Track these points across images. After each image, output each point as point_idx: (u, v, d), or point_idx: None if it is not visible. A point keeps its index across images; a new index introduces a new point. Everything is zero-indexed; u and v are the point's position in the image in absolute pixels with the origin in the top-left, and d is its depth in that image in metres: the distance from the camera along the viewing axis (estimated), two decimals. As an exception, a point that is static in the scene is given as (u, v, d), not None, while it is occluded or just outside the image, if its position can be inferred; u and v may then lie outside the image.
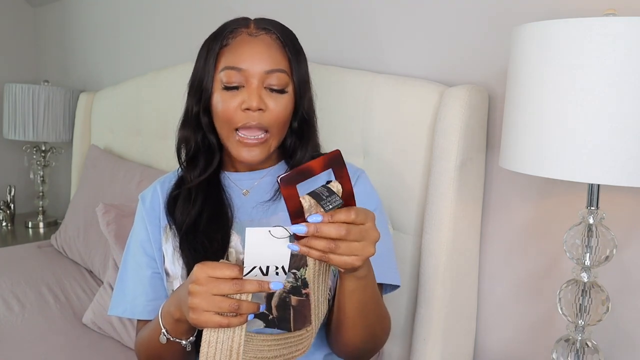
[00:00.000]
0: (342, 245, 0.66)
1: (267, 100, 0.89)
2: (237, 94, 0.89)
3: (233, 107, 0.88)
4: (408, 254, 1.18)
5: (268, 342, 0.86)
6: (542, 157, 0.80)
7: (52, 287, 1.74)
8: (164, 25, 2.14)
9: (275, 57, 0.90)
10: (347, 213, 0.66)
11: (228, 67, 0.89)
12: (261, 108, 0.88)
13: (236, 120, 0.89)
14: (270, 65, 0.89)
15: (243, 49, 0.89)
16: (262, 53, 0.89)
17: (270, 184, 0.97)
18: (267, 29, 0.92)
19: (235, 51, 0.89)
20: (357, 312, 0.82)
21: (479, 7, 1.16)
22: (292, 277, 0.89)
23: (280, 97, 0.90)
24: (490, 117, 1.15)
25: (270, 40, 0.91)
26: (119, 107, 2.21)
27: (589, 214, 0.88)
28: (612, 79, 0.74)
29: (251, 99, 0.87)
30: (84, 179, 2.16)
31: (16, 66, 2.97)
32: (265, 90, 0.89)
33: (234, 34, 0.91)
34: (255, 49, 0.89)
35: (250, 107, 0.87)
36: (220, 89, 0.90)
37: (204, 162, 0.96)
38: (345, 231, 0.65)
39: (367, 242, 0.68)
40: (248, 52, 0.89)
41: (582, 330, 0.90)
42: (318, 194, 0.67)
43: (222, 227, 0.93)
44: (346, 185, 0.68)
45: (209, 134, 0.95)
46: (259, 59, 0.88)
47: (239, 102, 0.88)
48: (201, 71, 0.93)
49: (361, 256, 0.68)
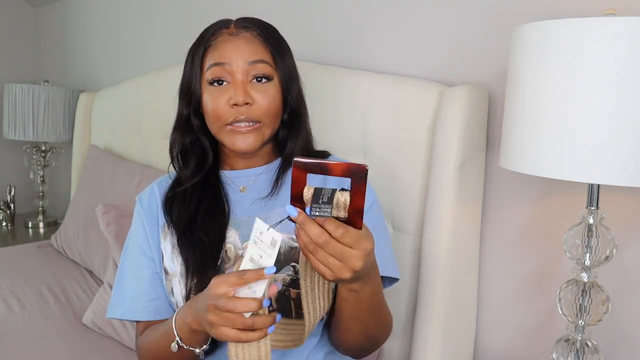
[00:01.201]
0: (320, 252, 0.66)
1: (253, 93, 0.91)
2: (224, 90, 0.91)
3: (222, 103, 0.90)
4: (408, 254, 1.18)
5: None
6: (542, 157, 0.80)
7: (52, 287, 1.74)
8: (164, 25, 2.14)
9: (257, 49, 0.92)
10: (335, 227, 0.64)
11: (212, 64, 0.92)
12: (248, 102, 0.90)
13: (226, 117, 0.91)
14: (252, 57, 0.91)
15: (225, 46, 0.92)
16: (243, 46, 0.92)
17: (267, 181, 0.98)
18: (247, 27, 0.94)
19: (217, 49, 0.92)
20: (351, 318, 0.83)
21: (479, 7, 1.16)
22: (291, 270, 0.89)
23: (266, 87, 0.92)
24: (490, 117, 1.15)
25: (251, 36, 0.94)
26: (119, 107, 2.21)
27: (589, 214, 0.88)
28: (612, 79, 0.74)
29: (237, 94, 0.89)
30: (84, 179, 2.16)
31: (16, 66, 2.97)
32: (251, 83, 0.91)
33: (215, 35, 0.94)
34: (235, 44, 0.92)
35: (238, 103, 0.89)
36: (208, 87, 0.92)
37: (197, 162, 0.98)
38: (322, 241, 0.65)
39: (344, 265, 0.66)
40: (230, 48, 0.92)
41: (582, 330, 0.90)
42: (319, 194, 0.66)
43: (219, 220, 0.94)
44: (358, 202, 0.65)
45: (201, 136, 0.98)
46: (240, 53, 0.91)
47: (227, 99, 0.90)
48: (188, 75, 0.96)
49: (334, 274, 0.67)
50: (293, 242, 0.90)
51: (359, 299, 0.78)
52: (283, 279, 0.89)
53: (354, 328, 0.84)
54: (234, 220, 0.95)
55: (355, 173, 0.63)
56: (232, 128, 0.91)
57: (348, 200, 0.65)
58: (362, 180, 0.63)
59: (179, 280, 0.92)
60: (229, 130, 0.91)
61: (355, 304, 0.79)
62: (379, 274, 0.81)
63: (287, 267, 0.90)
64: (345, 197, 0.65)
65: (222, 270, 0.91)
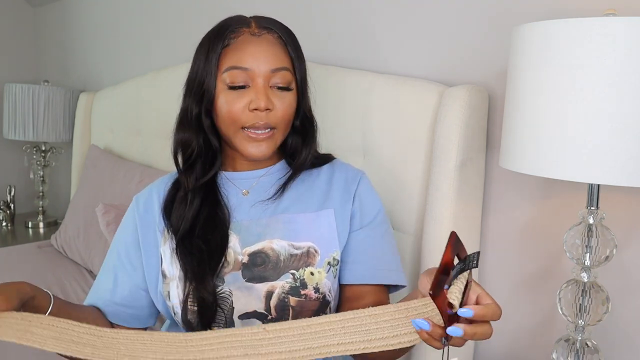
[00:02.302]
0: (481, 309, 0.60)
1: (273, 99, 0.89)
2: (243, 94, 0.88)
3: (240, 107, 0.88)
4: (408, 254, 1.18)
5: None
6: (542, 157, 0.80)
7: (52, 287, 1.74)
8: (164, 25, 2.14)
9: (279, 55, 0.90)
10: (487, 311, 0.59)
11: (232, 67, 0.88)
12: (269, 108, 0.88)
13: (243, 121, 0.89)
14: (276, 64, 0.89)
15: (247, 49, 0.89)
16: (266, 52, 0.89)
17: (269, 184, 0.97)
18: (269, 28, 0.92)
19: (238, 51, 0.89)
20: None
21: (479, 7, 1.16)
22: (290, 278, 0.89)
23: (286, 95, 0.91)
24: (490, 117, 1.15)
25: (273, 39, 0.91)
26: (119, 107, 2.21)
27: (589, 214, 0.88)
28: (612, 79, 0.74)
29: (259, 99, 0.87)
30: (84, 179, 2.16)
31: (16, 66, 2.97)
32: (271, 89, 0.89)
33: (236, 33, 0.90)
34: (259, 47, 0.89)
35: (259, 108, 0.87)
36: (225, 90, 0.89)
37: (203, 164, 0.95)
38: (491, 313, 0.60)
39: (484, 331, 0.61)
40: (252, 51, 0.88)
41: (582, 330, 0.90)
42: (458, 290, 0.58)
43: (220, 228, 0.92)
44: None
45: (211, 136, 0.94)
46: (264, 58, 0.88)
47: (246, 103, 0.88)
48: (202, 72, 0.91)
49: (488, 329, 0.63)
50: (293, 250, 0.90)
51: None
52: (282, 286, 0.88)
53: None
54: (234, 225, 0.93)
55: (457, 244, 0.58)
56: (248, 133, 0.89)
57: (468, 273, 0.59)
58: (462, 244, 0.59)
59: (177, 284, 0.91)
60: (245, 135, 0.90)
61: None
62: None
63: (287, 274, 0.89)
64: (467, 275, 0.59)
65: (221, 275, 0.90)
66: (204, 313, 0.88)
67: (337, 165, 1.02)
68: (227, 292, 0.90)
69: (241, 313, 0.90)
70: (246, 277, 0.90)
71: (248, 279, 0.90)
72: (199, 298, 0.88)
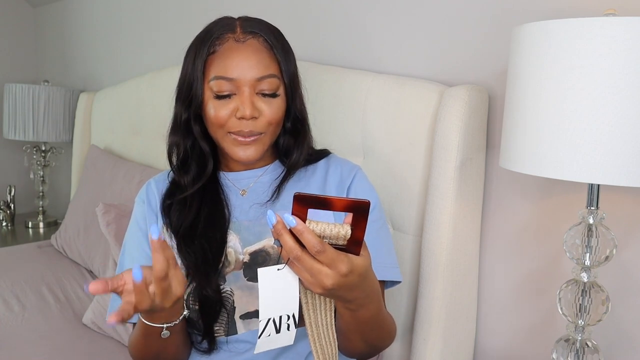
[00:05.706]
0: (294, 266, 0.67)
1: (259, 106, 0.89)
2: (229, 102, 0.89)
3: (226, 114, 0.89)
4: (408, 254, 1.18)
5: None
6: (542, 157, 0.80)
7: (52, 287, 1.74)
8: (164, 25, 2.14)
9: (265, 62, 0.89)
10: (316, 244, 0.63)
11: (218, 76, 0.88)
12: (255, 116, 0.88)
13: (229, 126, 0.89)
14: (261, 72, 0.88)
15: (232, 57, 0.88)
16: (251, 59, 0.88)
17: (267, 184, 0.98)
18: (254, 32, 0.91)
19: (224, 59, 0.89)
20: (350, 331, 0.82)
21: (479, 7, 1.16)
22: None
23: (273, 100, 0.91)
24: (490, 117, 1.15)
25: (258, 44, 0.90)
26: (119, 107, 2.21)
27: (589, 214, 0.88)
28: (612, 79, 0.74)
29: (245, 107, 0.87)
30: (84, 179, 2.16)
31: (16, 66, 2.97)
32: (257, 96, 0.89)
33: (221, 40, 0.90)
34: (243, 55, 0.88)
35: (244, 116, 0.88)
36: (212, 98, 0.90)
37: (197, 167, 0.96)
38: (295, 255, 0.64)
39: (315, 281, 0.66)
40: (237, 59, 0.88)
41: (582, 330, 0.90)
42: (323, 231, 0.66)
43: (220, 227, 0.93)
44: (358, 235, 0.65)
45: (201, 141, 0.95)
46: (249, 67, 0.88)
47: (232, 110, 0.89)
48: (189, 77, 0.92)
49: (305, 285, 0.68)
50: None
51: (357, 318, 0.78)
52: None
53: (354, 338, 0.83)
54: (234, 224, 0.94)
55: (359, 210, 0.63)
56: (235, 137, 0.90)
57: (349, 234, 0.65)
58: (364, 215, 0.63)
59: None
60: (232, 139, 0.90)
61: (353, 320, 0.78)
62: (379, 300, 0.79)
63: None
64: (347, 231, 0.65)
65: (222, 274, 0.91)
66: (207, 312, 0.88)
67: (333, 160, 1.02)
68: (228, 291, 0.90)
69: (243, 313, 0.90)
70: (247, 276, 0.90)
71: (249, 277, 0.90)
72: (202, 297, 0.88)
